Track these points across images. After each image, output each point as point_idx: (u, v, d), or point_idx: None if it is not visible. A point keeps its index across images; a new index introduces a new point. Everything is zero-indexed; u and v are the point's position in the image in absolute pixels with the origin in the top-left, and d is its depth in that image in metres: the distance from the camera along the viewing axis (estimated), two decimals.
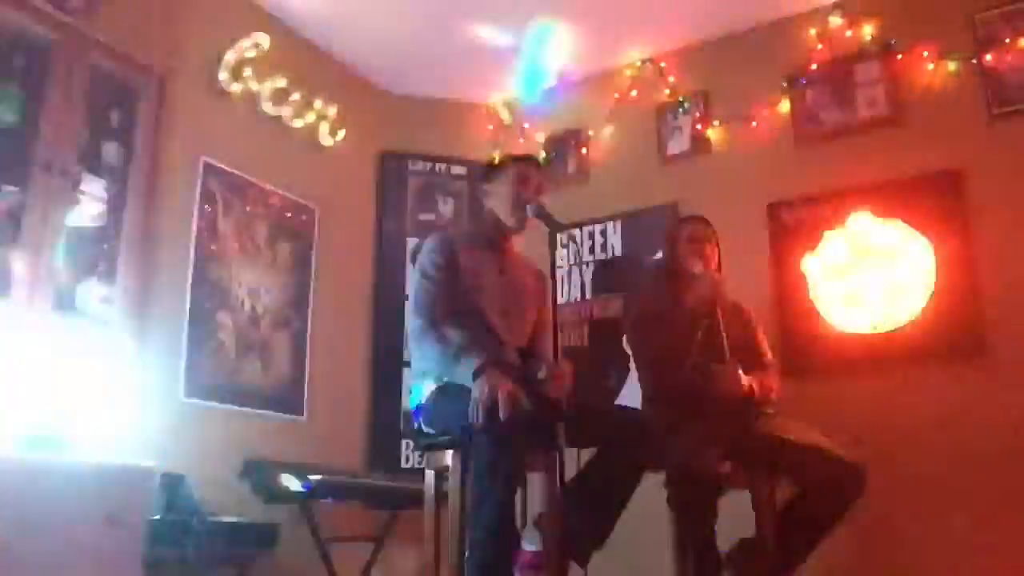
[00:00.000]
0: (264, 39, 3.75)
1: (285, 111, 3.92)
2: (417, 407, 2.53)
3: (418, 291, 2.53)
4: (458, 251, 2.57)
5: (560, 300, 4.19)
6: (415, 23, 4.07)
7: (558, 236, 2.47)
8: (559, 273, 4.24)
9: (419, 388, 2.51)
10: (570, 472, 2.36)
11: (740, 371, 2.80)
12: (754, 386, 2.82)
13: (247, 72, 3.70)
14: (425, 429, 2.52)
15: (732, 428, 2.72)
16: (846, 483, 2.64)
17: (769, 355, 3.05)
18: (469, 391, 2.21)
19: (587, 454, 2.47)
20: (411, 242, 4.43)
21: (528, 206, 2.54)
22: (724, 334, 2.84)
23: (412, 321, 2.49)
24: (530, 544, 2.48)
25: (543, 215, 2.50)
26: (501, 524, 2.12)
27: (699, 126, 4.09)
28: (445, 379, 2.40)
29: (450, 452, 2.39)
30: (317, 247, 4.04)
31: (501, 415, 2.09)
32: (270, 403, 3.67)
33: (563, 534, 2.35)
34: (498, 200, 2.64)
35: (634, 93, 4.31)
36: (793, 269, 3.67)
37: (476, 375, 2.20)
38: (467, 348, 2.34)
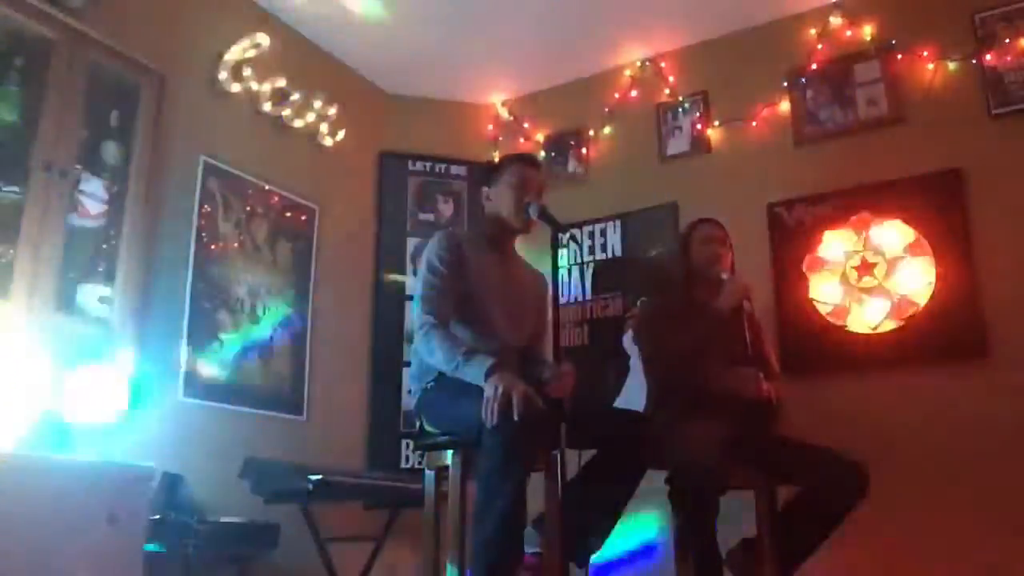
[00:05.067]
0: (264, 39, 3.75)
1: (285, 111, 3.92)
2: (417, 404, 2.53)
3: (425, 286, 2.50)
4: (465, 250, 2.55)
5: (560, 300, 4.19)
6: (415, 23, 4.07)
7: (559, 236, 2.47)
8: (559, 273, 4.24)
9: (417, 383, 2.51)
10: (570, 473, 2.36)
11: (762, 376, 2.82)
12: (773, 394, 2.83)
13: (247, 72, 3.70)
14: (427, 427, 2.51)
15: (747, 430, 2.73)
16: (849, 484, 2.64)
17: (775, 366, 3.06)
18: (471, 388, 2.21)
19: (588, 455, 2.47)
20: (411, 242, 4.43)
21: (531, 207, 2.54)
22: (750, 338, 2.86)
23: (419, 316, 2.45)
24: (530, 545, 2.48)
25: (546, 216, 2.50)
26: (513, 524, 2.11)
27: (699, 126, 4.09)
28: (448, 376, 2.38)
29: (450, 452, 2.39)
30: (317, 247, 4.04)
31: (515, 415, 2.09)
32: (270, 403, 3.67)
33: (563, 535, 2.35)
34: (501, 202, 2.63)
35: (634, 93, 4.32)
36: (793, 269, 3.67)
37: (488, 375, 2.20)
38: (475, 349, 2.33)
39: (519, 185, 2.59)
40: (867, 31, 3.74)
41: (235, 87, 3.67)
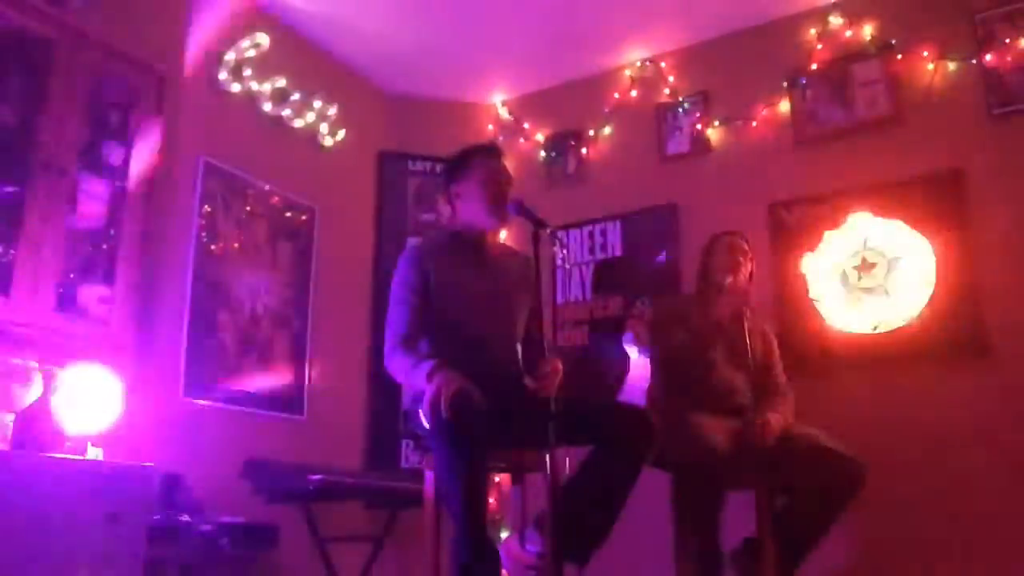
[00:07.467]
0: (264, 39, 3.75)
1: (285, 111, 3.92)
2: (408, 410, 2.53)
3: (390, 313, 2.53)
4: (431, 263, 2.52)
5: (560, 300, 4.20)
6: (414, 23, 4.07)
7: (557, 236, 2.45)
8: (559, 273, 4.24)
9: (408, 390, 2.53)
10: (569, 472, 2.36)
11: (774, 421, 2.81)
12: (779, 429, 2.82)
13: (247, 72, 3.71)
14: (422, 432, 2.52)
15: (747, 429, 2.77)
16: (844, 478, 2.67)
17: (783, 380, 3.08)
18: None
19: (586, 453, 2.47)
20: (411, 242, 4.43)
21: (509, 206, 2.49)
22: (749, 347, 2.91)
23: (385, 343, 2.48)
24: (530, 544, 2.48)
25: (525, 212, 2.45)
26: (469, 524, 2.09)
27: (699, 126, 4.09)
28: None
29: None
30: (317, 247, 4.04)
31: (443, 412, 2.07)
32: (270, 403, 3.67)
33: (562, 534, 2.34)
34: (472, 200, 2.57)
35: (634, 93, 4.32)
36: (793, 269, 3.67)
37: (429, 378, 2.20)
38: (426, 355, 2.33)
39: (490, 181, 2.55)
40: (867, 31, 3.74)
41: (235, 87, 3.68)
